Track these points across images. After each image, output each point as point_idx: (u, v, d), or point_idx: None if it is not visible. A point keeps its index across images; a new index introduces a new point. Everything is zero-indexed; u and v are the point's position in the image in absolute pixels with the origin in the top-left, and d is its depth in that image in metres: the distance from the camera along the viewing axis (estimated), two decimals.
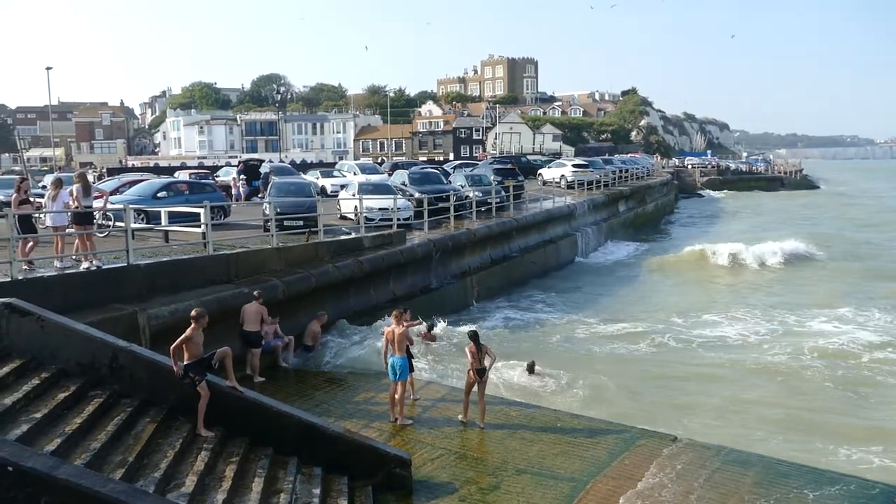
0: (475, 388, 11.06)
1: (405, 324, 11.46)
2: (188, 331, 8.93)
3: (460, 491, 8.87)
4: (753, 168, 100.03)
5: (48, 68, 61.74)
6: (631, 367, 16.65)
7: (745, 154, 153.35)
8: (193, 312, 9.18)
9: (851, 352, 17.98)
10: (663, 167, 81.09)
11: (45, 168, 74.56)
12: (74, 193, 13.41)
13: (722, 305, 23.99)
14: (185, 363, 8.83)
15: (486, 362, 11.09)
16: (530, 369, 14.68)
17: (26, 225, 12.76)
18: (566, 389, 14.30)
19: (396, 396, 11.10)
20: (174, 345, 8.89)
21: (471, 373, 11.01)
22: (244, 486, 7.96)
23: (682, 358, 17.70)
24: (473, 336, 11.20)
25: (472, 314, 21.71)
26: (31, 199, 14.08)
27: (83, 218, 13.40)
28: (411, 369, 11.73)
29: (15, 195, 13.18)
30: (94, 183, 20.77)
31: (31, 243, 12.81)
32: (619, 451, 9.86)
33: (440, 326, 17.60)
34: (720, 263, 32.27)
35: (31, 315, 9.20)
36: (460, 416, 11.17)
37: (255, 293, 13.41)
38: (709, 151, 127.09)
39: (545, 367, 15.08)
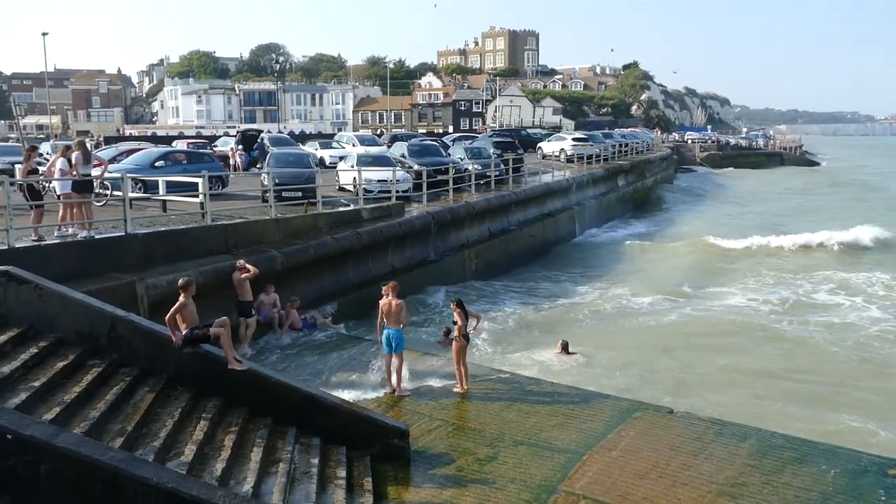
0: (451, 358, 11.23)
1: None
2: (180, 300, 8.95)
3: (458, 461, 8.94)
4: (753, 144, 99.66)
5: (44, 34, 61.12)
6: (653, 342, 16.64)
7: (745, 130, 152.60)
8: (181, 281, 9.21)
9: (859, 323, 18.21)
10: (663, 142, 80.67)
11: (42, 136, 74.08)
12: (73, 161, 13.31)
13: (738, 281, 23.87)
14: (184, 333, 8.85)
15: (470, 328, 11.29)
16: (564, 349, 14.71)
17: (33, 193, 12.73)
18: (596, 368, 14.27)
19: (393, 368, 11.15)
20: (168, 316, 8.91)
21: (458, 337, 11.11)
22: (243, 456, 8.01)
23: (703, 331, 17.79)
24: (459, 302, 11.33)
25: (482, 292, 21.31)
26: (40, 169, 14.03)
27: (82, 186, 13.31)
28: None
29: (24, 164, 13.12)
30: (91, 151, 20.62)
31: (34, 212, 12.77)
32: (615, 423, 9.92)
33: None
34: (731, 245, 31.21)
35: (28, 283, 9.17)
36: (457, 388, 11.23)
37: (236, 263, 13.08)
38: (709, 126, 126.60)
39: (574, 346, 15.02)
